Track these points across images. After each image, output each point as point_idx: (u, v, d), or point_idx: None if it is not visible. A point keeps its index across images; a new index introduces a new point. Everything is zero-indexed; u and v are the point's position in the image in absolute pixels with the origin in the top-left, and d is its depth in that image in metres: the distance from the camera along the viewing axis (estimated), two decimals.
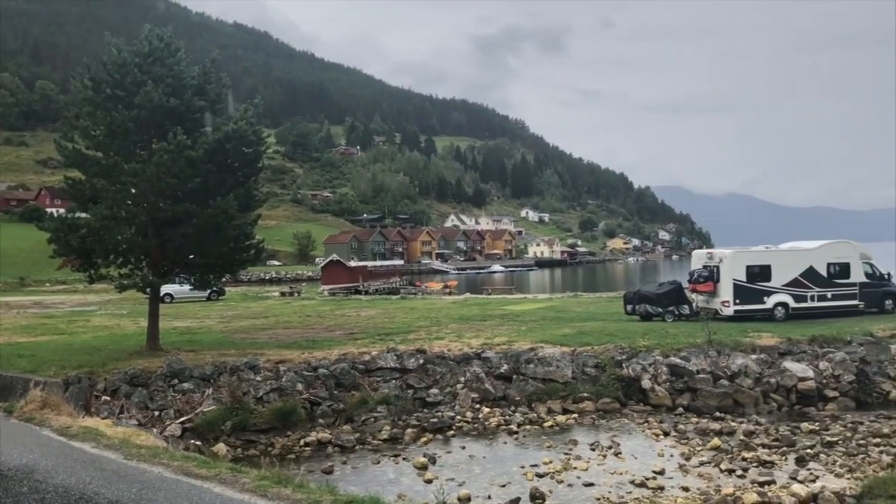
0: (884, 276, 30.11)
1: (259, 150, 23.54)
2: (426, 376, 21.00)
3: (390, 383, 20.50)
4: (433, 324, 29.35)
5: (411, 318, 31.81)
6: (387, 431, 17.69)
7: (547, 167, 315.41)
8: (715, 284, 28.71)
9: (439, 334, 25.89)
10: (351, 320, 32.24)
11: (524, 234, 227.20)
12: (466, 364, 21.58)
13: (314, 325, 30.50)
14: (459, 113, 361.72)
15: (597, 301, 40.43)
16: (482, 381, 20.58)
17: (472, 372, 20.95)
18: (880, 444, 15.94)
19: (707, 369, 20.92)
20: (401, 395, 19.95)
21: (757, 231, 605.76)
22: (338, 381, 20.28)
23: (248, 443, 17.17)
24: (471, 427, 18.29)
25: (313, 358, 21.57)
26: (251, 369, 20.22)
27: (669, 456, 15.60)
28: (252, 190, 23.50)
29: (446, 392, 20.38)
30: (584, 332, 25.38)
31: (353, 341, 24.69)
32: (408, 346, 22.85)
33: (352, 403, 19.38)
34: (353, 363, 21.17)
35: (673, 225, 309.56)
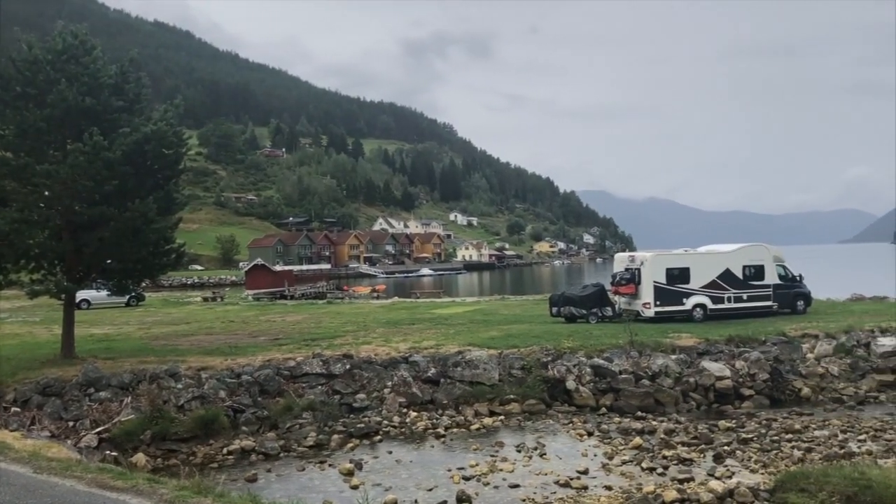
0: (795, 277, 31.38)
1: (180, 152, 22.98)
2: (353, 381, 20.84)
3: (316, 389, 20.25)
4: (360, 328, 29.17)
5: (338, 323, 31.53)
6: (312, 438, 17.45)
7: (475, 171, 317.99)
8: (636, 287, 29.40)
9: (366, 339, 25.74)
10: (276, 325, 31.75)
11: (453, 237, 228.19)
12: (394, 368, 21.51)
13: (238, 331, 29.91)
14: (388, 116, 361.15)
15: (523, 304, 40.89)
16: (409, 386, 20.54)
17: (399, 376, 20.89)
18: (792, 440, 16.57)
19: (629, 370, 21.39)
20: (327, 401, 19.73)
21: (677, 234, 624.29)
22: (262, 388, 19.93)
23: (169, 452, 16.69)
24: (398, 431, 18.22)
25: (237, 364, 21.15)
26: (172, 377, 19.67)
27: (593, 455, 15.88)
28: (172, 192, 22.89)
29: (373, 397, 20.26)
30: (510, 335, 25.63)
31: (278, 347, 24.31)
32: (334, 352, 22.62)
33: (276, 410, 19.06)
34: (277, 369, 20.84)
35: (597, 228, 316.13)
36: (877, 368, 22.43)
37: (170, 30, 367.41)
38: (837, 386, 21.82)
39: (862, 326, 25.55)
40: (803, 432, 17.25)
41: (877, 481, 10.95)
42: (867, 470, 11.72)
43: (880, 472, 11.56)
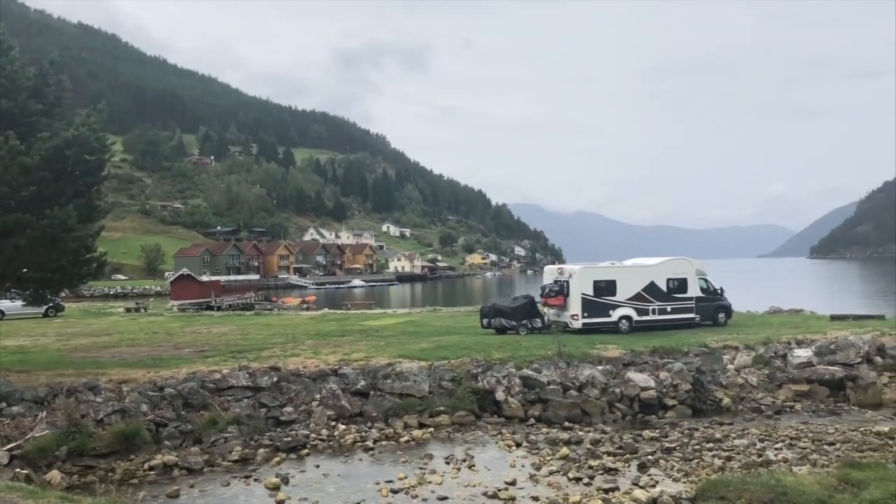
0: (717, 290, 32.35)
1: (103, 158, 22.29)
2: (280, 394, 20.49)
3: (242, 402, 19.83)
4: (289, 340, 28.76)
5: (266, 335, 31.02)
6: (238, 452, 17.07)
7: (408, 182, 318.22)
8: (565, 298, 29.83)
9: (295, 351, 25.39)
10: (202, 337, 31.02)
11: (385, 248, 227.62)
12: (322, 381, 21.24)
13: (162, 343, 29.10)
14: (320, 125, 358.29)
15: (455, 315, 41.01)
16: (338, 398, 20.31)
17: (328, 389, 20.63)
18: (713, 449, 17.03)
19: (557, 380, 21.65)
20: (253, 415, 19.34)
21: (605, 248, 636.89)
22: (186, 401, 19.40)
23: (86, 469, 16.06)
24: (326, 445, 17.99)
25: (160, 377, 20.57)
26: (91, 390, 19.00)
27: (521, 466, 15.99)
28: (94, 200, 22.21)
29: (301, 410, 19.96)
30: (441, 347, 25.64)
31: (203, 359, 23.75)
32: (261, 364, 22.23)
33: (201, 424, 18.57)
34: (202, 382, 20.33)
35: (528, 241, 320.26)
36: (793, 379, 23.27)
37: (94, 32, 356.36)
38: (756, 396, 22.52)
39: (779, 338, 26.48)
40: (724, 441, 17.75)
41: (791, 488, 11.32)
42: (783, 477, 12.12)
43: (795, 479, 11.97)
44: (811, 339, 26.11)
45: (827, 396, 22.71)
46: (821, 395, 22.73)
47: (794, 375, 23.37)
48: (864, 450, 16.69)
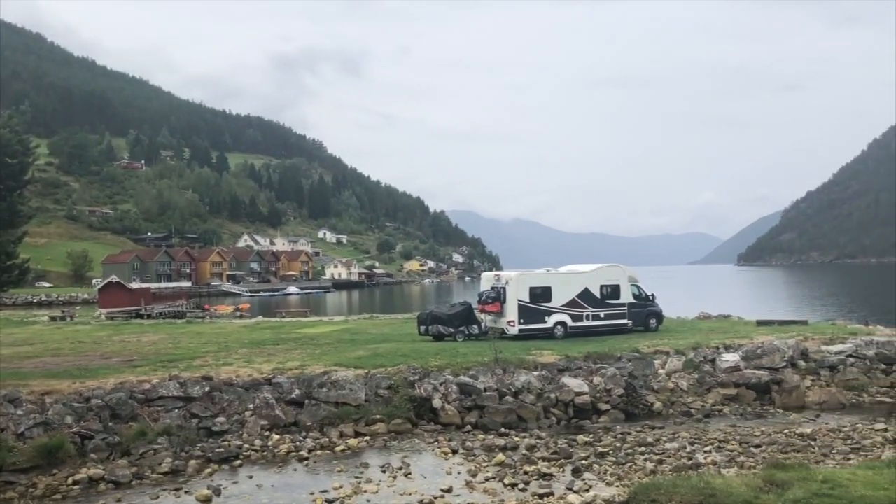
0: (648, 297, 33.05)
1: (26, 161, 21.55)
2: (212, 404, 20.04)
3: (173, 413, 19.33)
4: (222, 349, 28.18)
5: (198, 344, 30.32)
6: (168, 464, 16.61)
7: (345, 188, 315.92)
8: (502, 305, 30.06)
9: (228, 360, 24.89)
10: (130, 346, 30.14)
11: (321, 255, 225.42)
12: (256, 390, 20.87)
13: (88, 352, 28.15)
14: (255, 130, 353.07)
15: (392, 322, 40.86)
16: (272, 408, 19.97)
17: (261, 398, 20.27)
18: (645, 453, 17.34)
19: (494, 387, 21.75)
20: (184, 425, 18.87)
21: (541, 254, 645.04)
22: (113, 413, 18.81)
23: (6, 485, 15.40)
24: (259, 455, 17.66)
25: (86, 388, 19.89)
26: (11, 402, 18.24)
27: (457, 473, 15.98)
28: (17, 205, 21.40)
29: (234, 420, 19.56)
30: (378, 354, 25.50)
31: (132, 369, 23.08)
32: (193, 373, 21.72)
33: (129, 436, 18.02)
34: (131, 392, 19.74)
35: (466, 248, 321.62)
36: (721, 383, 23.91)
37: (18, 31, 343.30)
38: (686, 400, 23.07)
39: (708, 343, 27.19)
40: (655, 445, 18.10)
41: (720, 490, 11.61)
42: (711, 480, 12.42)
43: (723, 482, 12.27)
44: (739, 344, 26.87)
45: (754, 400, 23.40)
46: (748, 398, 23.41)
47: (722, 380, 24.01)
48: (789, 451, 17.25)
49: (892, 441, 18.29)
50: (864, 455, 16.79)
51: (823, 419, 21.35)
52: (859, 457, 16.61)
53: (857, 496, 10.98)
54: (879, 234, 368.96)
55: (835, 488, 11.34)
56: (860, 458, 16.45)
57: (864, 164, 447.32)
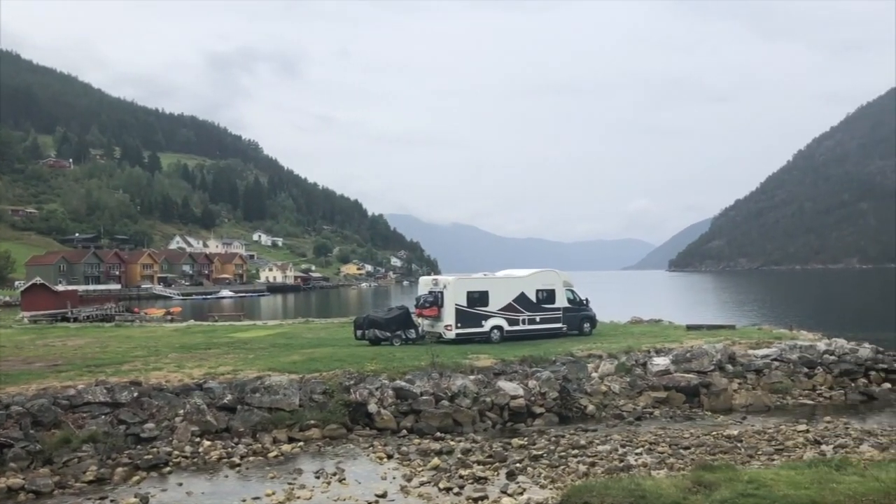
0: (583, 301, 33.54)
1: None
2: (141, 410, 19.50)
3: (99, 419, 18.75)
4: (151, 353, 27.44)
5: (126, 348, 29.46)
6: (93, 472, 16.09)
7: (281, 190, 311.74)
8: (439, 309, 30.07)
9: (158, 364, 24.26)
10: (55, 351, 29.09)
11: (256, 258, 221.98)
12: (187, 395, 20.39)
13: (9, 357, 27.04)
14: (188, 129, 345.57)
15: (328, 327, 40.45)
16: (203, 413, 19.55)
17: (192, 404, 19.81)
18: (578, 455, 17.58)
19: (430, 391, 21.75)
20: (111, 432, 18.30)
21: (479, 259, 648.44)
22: (35, 419, 18.12)
23: None
24: (189, 462, 17.26)
25: (6, 394, 19.13)
26: None
27: (392, 478, 15.92)
28: None
29: (163, 426, 19.07)
30: (313, 359, 25.21)
31: (56, 374, 22.26)
32: (121, 378, 21.10)
33: (52, 443, 17.38)
34: (55, 398, 19.06)
35: (404, 252, 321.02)
36: (652, 386, 24.42)
37: None
38: (618, 403, 23.47)
39: (640, 347, 27.72)
40: (588, 447, 18.36)
41: (650, 491, 11.83)
42: (642, 481, 12.65)
43: (653, 483, 12.52)
44: (669, 347, 27.47)
45: (683, 402, 23.97)
46: (678, 401, 23.97)
47: (653, 383, 24.52)
48: (716, 452, 17.72)
49: (813, 442, 18.96)
50: (787, 455, 17.38)
51: (749, 421, 22.01)
52: (783, 457, 17.18)
53: (780, 495, 11.33)
54: (803, 241, 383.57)
55: (759, 488, 11.69)
56: (783, 458, 17.01)
57: (789, 174, 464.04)
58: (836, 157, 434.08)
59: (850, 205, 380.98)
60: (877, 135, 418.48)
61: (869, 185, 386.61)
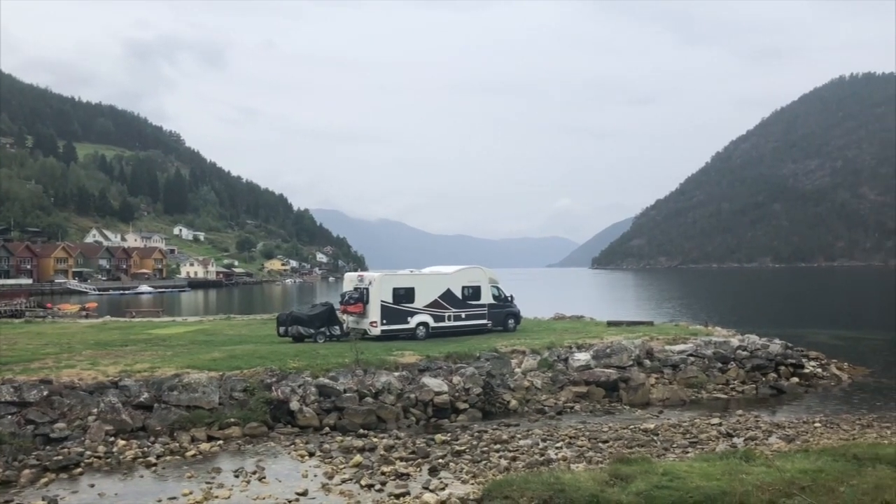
0: (507, 298, 33.91)
1: None
2: (51, 409, 18.79)
3: (5, 419, 17.99)
4: (64, 350, 26.37)
5: (37, 345, 28.23)
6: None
7: (204, 184, 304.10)
8: (364, 306, 29.92)
9: (70, 362, 23.32)
10: None
11: (177, 252, 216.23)
12: (101, 394, 19.74)
13: None
14: (106, 119, 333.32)
15: (250, 323, 39.74)
16: (118, 412, 18.96)
17: (106, 402, 19.20)
18: (500, 450, 17.77)
19: (354, 388, 21.64)
20: (18, 433, 17.58)
21: (407, 255, 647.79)
22: None
23: None
24: (103, 462, 16.72)
25: None
26: None
27: (313, 476, 15.77)
28: None
29: (75, 426, 18.42)
30: (234, 356, 24.70)
31: None
32: (29, 377, 20.23)
33: None
34: None
35: (330, 248, 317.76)
36: (573, 381, 24.91)
37: None
38: (540, 398, 23.87)
39: (562, 343, 28.20)
40: (510, 442, 18.59)
41: (569, 485, 12.04)
42: (561, 475, 12.87)
43: (572, 477, 12.74)
44: (590, 343, 28.04)
45: (603, 397, 24.52)
46: (598, 395, 24.51)
47: (574, 378, 25.02)
48: (633, 446, 18.19)
49: (725, 435, 19.68)
50: (700, 448, 17.98)
51: (666, 415, 22.67)
52: (696, 450, 17.76)
53: (693, 487, 11.70)
54: (720, 241, 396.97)
55: (673, 480, 12.04)
56: (697, 451, 17.59)
57: (707, 175, 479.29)
58: (751, 159, 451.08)
59: (764, 206, 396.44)
60: (790, 139, 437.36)
61: (782, 187, 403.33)
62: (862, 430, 20.19)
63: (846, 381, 29.11)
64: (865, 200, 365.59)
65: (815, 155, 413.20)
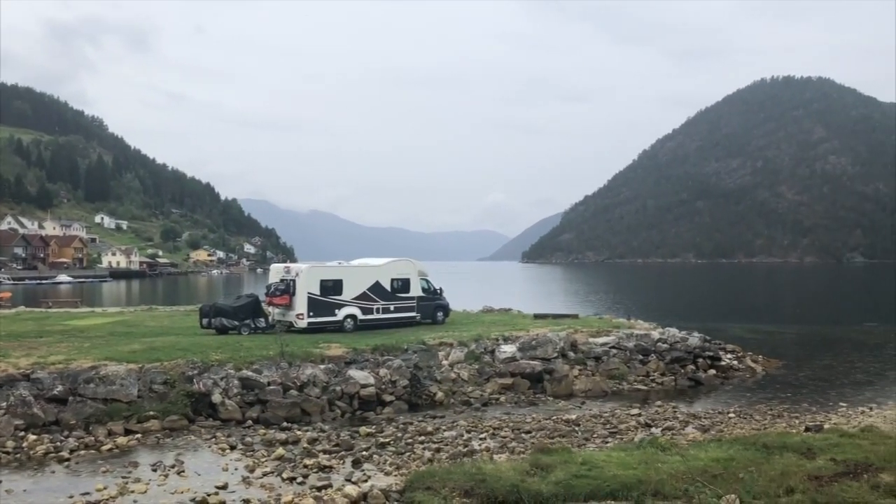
0: (437, 290, 34.01)
1: None
2: None
3: None
4: None
5: None
6: None
7: (127, 171, 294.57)
8: (291, 298, 29.54)
9: None
10: None
11: (98, 241, 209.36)
12: (11, 387, 19.00)
13: None
14: (24, 102, 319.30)
15: (173, 315, 38.81)
16: (29, 406, 18.29)
17: (17, 395, 18.49)
18: (424, 442, 17.87)
19: (278, 381, 21.39)
20: None
21: (338, 247, 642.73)
22: None
23: None
24: (11, 458, 16.12)
25: None
26: None
27: (234, 469, 15.55)
28: None
29: None
30: (154, 348, 24.08)
31: None
32: None
33: None
34: None
35: (259, 238, 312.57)
36: (499, 373, 25.18)
37: None
38: (467, 390, 24.06)
39: (489, 335, 28.45)
40: (434, 434, 18.69)
41: (490, 475, 12.17)
42: (483, 465, 13.00)
43: (494, 467, 12.89)
44: (516, 335, 28.37)
45: (528, 388, 24.89)
46: (523, 387, 24.85)
47: (500, 370, 25.29)
48: (555, 436, 18.53)
49: (644, 425, 20.22)
50: (620, 438, 18.43)
51: (588, 406, 23.17)
52: (616, 440, 18.21)
53: (610, 476, 11.98)
54: (645, 236, 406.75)
55: (592, 469, 12.32)
56: (616, 440, 18.03)
57: (634, 172, 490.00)
58: (676, 157, 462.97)
59: (687, 203, 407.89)
60: (713, 138, 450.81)
61: (705, 185, 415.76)
62: (773, 420, 21.04)
63: (760, 372, 30.26)
64: (784, 199, 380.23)
65: (736, 154, 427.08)
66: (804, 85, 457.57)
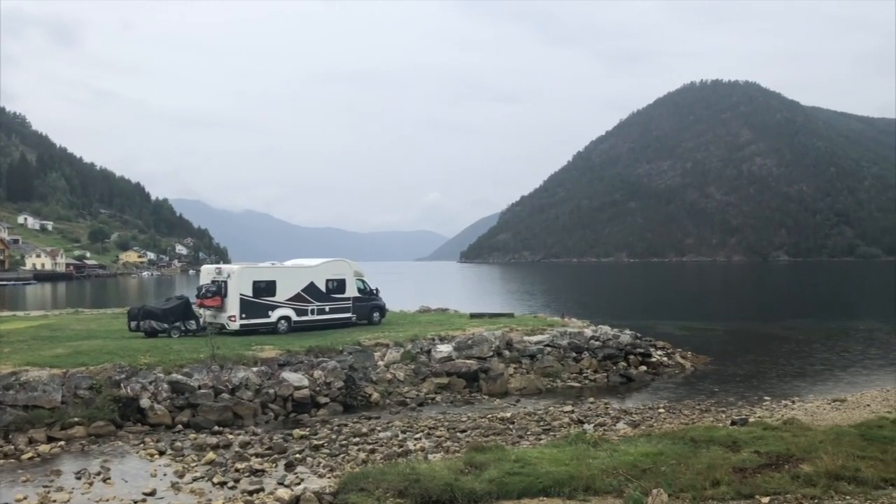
0: (373, 291, 33.84)
1: None
2: None
3: None
4: None
5: None
6: None
7: (52, 170, 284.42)
8: (222, 299, 28.99)
9: None
10: None
11: (21, 243, 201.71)
12: None
13: None
14: None
15: (100, 318, 37.66)
16: None
17: None
18: (359, 443, 17.77)
19: (209, 384, 20.98)
20: None
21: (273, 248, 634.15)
22: None
23: None
24: None
25: None
26: None
27: (163, 475, 15.19)
28: None
29: None
30: (80, 352, 23.32)
31: None
32: None
33: None
34: None
35: (191, 239, 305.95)
36: (435, 372, 25.22)
37: None
38: (402, 390, 24.02)
39: (426, 335, 28.48)
40: (369, 435, 18.62)
41: (424, 475, 12.18)
42: (417, 465, 13.00)
43: (428, 467, 12.90)
44: (452, 335, 28.47)
45: (464, 387, 24.99)
46: (459, 386, 24.95)
47: (436, 369, 25.34)
48: (490, 434, 18.66)
49: (576, 421, 20.54)
50: (553, 435, 18.68)
51: (522, 404, 23.40)
52: (549, 437, 18.44)
53: (543, 472, 12.14)
54: (580, 236, 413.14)
55: (525, 466, 12.47)
56: (549, 437, 18.25)
57: (569, 173, 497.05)
58: (609, 159, 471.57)
59: (620, 204, 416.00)
60: (645, 140, 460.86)
61: (637, 186, 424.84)
62: (700, 415, 21.60)
63: (689, 368, 31.05)
64: (712, 199, 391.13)
65: (667, 156, 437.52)
66: (731, 88, 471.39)
